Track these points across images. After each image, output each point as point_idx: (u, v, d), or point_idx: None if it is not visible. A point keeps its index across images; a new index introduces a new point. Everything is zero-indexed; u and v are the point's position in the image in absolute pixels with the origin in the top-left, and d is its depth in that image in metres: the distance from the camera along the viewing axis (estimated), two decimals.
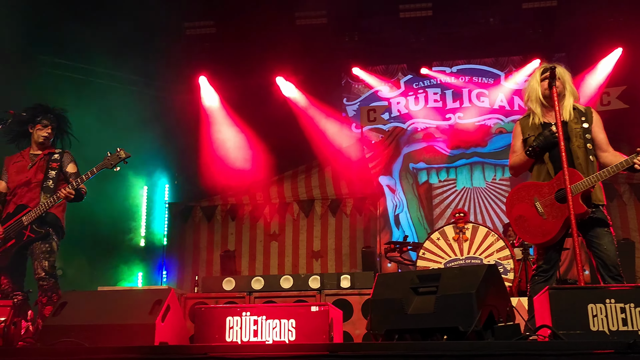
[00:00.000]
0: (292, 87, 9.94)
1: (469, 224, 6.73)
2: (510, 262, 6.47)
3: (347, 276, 6.58)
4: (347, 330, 5.95)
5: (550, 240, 4.06)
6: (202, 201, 9.91)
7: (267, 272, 9.28)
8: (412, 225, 10.03)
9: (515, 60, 10.18)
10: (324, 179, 9.74)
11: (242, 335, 3.45)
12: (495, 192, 9.91)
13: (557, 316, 2.96)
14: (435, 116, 10.33)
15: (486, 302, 3.21)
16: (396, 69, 10.55)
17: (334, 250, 9.41)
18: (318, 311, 3.41)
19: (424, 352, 2.84)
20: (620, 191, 9.21)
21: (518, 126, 4.38)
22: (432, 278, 3.41)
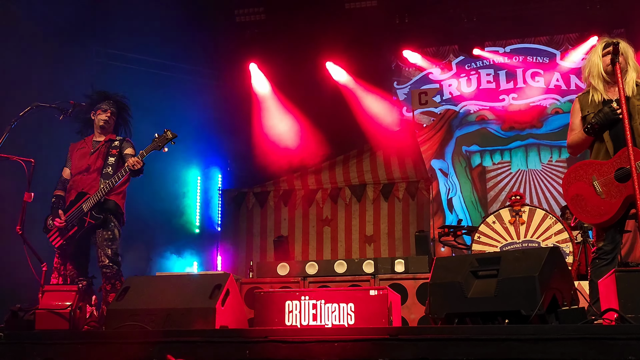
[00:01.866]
0: (342, 71, 9.90)
1: (526, 207, 6.59)
2: (569, 245, 6.31)
3: (402, 260, 6.54)
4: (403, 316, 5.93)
5: (608, 221, 3.94)
6: (255, 187, 9.99)
7: (320, 258, 9.31)
8: (465, 209, 9.90)
9: (571, 38, 9.88)
10: (375, 164, 9.67)
11: (301, 319, 3.47)
12: (551, 174, 9.69)
13: (625, 299, 2.89)
14: (488, 97, 10.14)
15: (549, 285, 3.15)
16: (447, 50, 10.38)
17: (387, 234, 9.35)
18: (377, 295, 3.40)
19: (487, 336, 2.81)
20: None
21: (577, 103, 4.25)
22: (493, 261, 3.36)
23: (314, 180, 9.74)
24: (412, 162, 9.55)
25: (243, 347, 2.98)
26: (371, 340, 2.90)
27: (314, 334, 2.99)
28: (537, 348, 2.73)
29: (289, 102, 9.68)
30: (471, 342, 2.82)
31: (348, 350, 2.91)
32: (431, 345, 2.86)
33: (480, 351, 2.80)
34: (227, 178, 10.15)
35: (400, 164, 9.65)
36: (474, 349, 2.81)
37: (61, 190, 5.16)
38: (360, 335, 2.91)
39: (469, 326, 3.15)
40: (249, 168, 9.71)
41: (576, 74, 9.68)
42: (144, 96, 7.53)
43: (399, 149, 9.62)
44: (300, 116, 9.60)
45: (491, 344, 2.79)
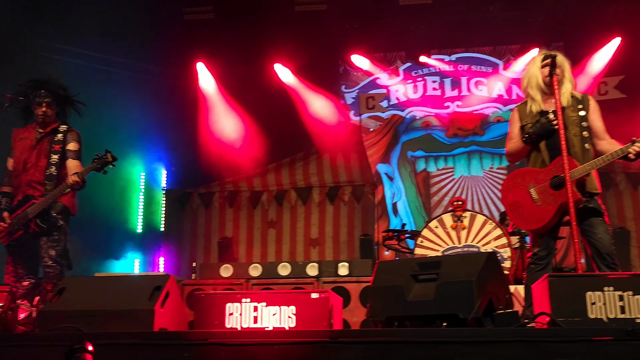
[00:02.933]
0: (290, 74, 9.89)
1: (467, 212, 6.74)
2: (507, 250, 6.49)
3: (345, 264, 6.60)
4: (345, 318, 5.97)
5: (543, 227, 4.08)
6: (200, 188, 9.90)
7: (265, 260, 9.29)
8: (409, 214, 10.04)
9: (513, 49, 10.15)
10: (321, 167, 9.73)
11: (242, 321, 3.46)
12: (492, 181, 9.92)
13: (556, 303, 2.98)
14: (433, 104, 10.31)
15: (486, 289, 3.23)
16: (395, 56, 10.51)
17: (332, 238, 9.41)
18: (318, 298, 3.42)
19: (425, 339, 2.86)
20: (617, 180, 9.22)
21: (516, 112, 4.38)
22: (433, 265, 3.43)
23: (260, 182, 9.72)
24: (358, 165, 9.65)
25: (182, 350, 2.94)
26: (311, 343, 2.91)
27: (254, 336, 2.98)
28: (474, 350, 2.80)
29: (236, 102, 9.61)
30: (410, 344, 2.87)
31: (288, 353, 2.91)
32: (371, 348, 2.89)
33: (419, 353, 2.85)
34: (171, 178, 10.00)
35: (346, 167, 9.74)
36: (413, 351, 2.85)
37: (7, 187, 5.01)
38: (300, 338, 2.92)
39: (408, 329, 3.20)
40: (194, 168, 9.60)
41: (518, 84, 9.92)
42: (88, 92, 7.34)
43: (345, 153, 9.70)
44: (248, 117, 9.54)
45: (429, 346, 2.85)
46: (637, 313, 2.91)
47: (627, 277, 3.03)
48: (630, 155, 3.93)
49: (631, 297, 2.93)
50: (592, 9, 8.82)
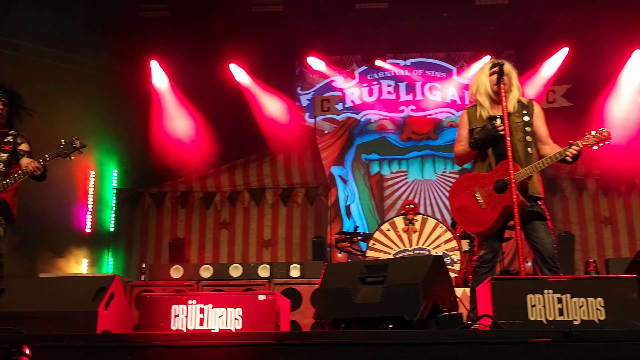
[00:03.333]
0: (245, 74, 9.84)
1: (419, 216, 6.83)
2: (457, 253, 6.61)
3: (297, 265, 6.62)
4: (295, 320, 5.98)
5: (488, 229, 4.17)
6: (152, 187, 9.76)
7: (217, 261, 9.22)
8: (363, 216, 10.10)
9: (467, 55, 10.33)
10: (275, 168, 9.71)
11: (187, 323, 3.43)
12: (445, 185, 10.07)
13: (498, 306, 3.05)
14: (388, 108, 10.41)
15: (432, 292, 3.28)
16: (351, 59, 10.57)
17: (285, 239, 9.41)
18: (265, 300, 3.42)
19: (370, 341, 2.88)
20: (563, 186, 9.48)
21: (465, 115, 4.48)
22: (380, 268, 3.47)
23: (213, 183, 9.65)
24: (312, 168, 9.67)
25: (125, 353, 2.90)
26: (257, 345, 2.90)
27: (200, 338, 2.96)
28: (418, 352, 2.83)
29: (190, 102, 9.51)
30: (355, 346, 2.89)
31: (233, 355, 2.90)
32: (317, 350, 2.90)
33: (364, 355, 2.87)
34: (122, 177, 9.83)
35: (300, 169, 9.75)
36: (359, 353, 2.88)
37: None
38: (246, 340, 2.91)
39: (353, 331, 3.22)
40: (146, 168, 9.46)
41: None
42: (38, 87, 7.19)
43: (299, 155, 9.71)
44: (201, 117, 9.45)
45: (374, 348, 2.87)
46: (574, 315, 3.00)
47: (565, 281, 3.13)
48: (568, 158, 4.05)
49: (569, 299, 3.02)
50: (542, 19, 9.04)
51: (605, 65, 9.09)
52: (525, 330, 2.89)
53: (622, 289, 3.03)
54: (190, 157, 9.24)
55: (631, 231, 9.19)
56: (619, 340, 2.70)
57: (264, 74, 9.73)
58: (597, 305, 3.00)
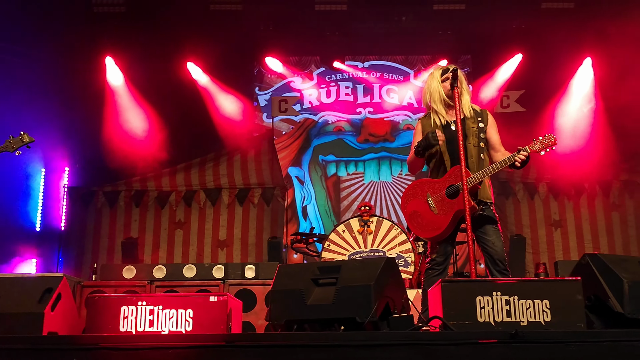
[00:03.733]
0: (203, 73, 9.75)
1: (374, 217, 6.87)
2: (411, 255, 6.66)
3: (252, 266, 6.59)
4: (250, 321, 5.96)
5: (441, 234, 4.23)
6: (105, 186, 9.59)
7: (171, 261, 9.12)
8: (319, 217, 10.12)
9: (424, 59, 10.45)
10: (232, 168, 9.65)
11: (137, 325, 3.37)
12: (401, 187, 10.16)
13: (448, 308, 3.09)
14: (346, 109, 10.46)
15: (384, 293, 3.30)
16: (309, 60, 10.58)
17: (240, 240, 9.35)
18: (216, 301, 3.39)
19: (321, 342, 2.88)
20: (515, 189, 9.68)
21: (419, 124, 4.53)
22: (333, 270, 3.47)
23: (168, 182, 9.53)
24: (269, 168, 9.64)
25: (71, 355, 2.83)
26: (207, 347, 2.88)
27: (149, 340, 2.91)
28: (368, 353, 2.85)
29: (146, 100, 9.36)
30: (306, 348, 2.88)
31: (183, 357, 2.87)
32: (268, 352, 2.89)
33: (315, 357, 2.87)
34: (74, 175, 9.62)
35: (257, 169, 9.71)
36: (309, 355, 2.87)
37: None
38: (196, 341, 2.88)
39: (304, 332, 3.22)
40: (100, 166, 9.27)
41: None
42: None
43: (256, 155, 9.67)
44: (157, 116, 9.32)
45: (325, 350, 2.88)
46: (521, 317, 3.06)
47: (513, 283, 3.19)
48: (517, 164, 4.14)
49: (517, 301, 3.08)
50: (498, 26, 9.23)
51: (557, 72, 9.33)
52: (474, 332, 2.93)
53: (567, 291, 3.10)
54: (145, 156, 9.10)
55: (580, 234, 9.44)
56: (563, 341, 2.76)
57: (222, 73, 9.66)
58: (543, 306, 3.06)
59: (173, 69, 9.35)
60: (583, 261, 3.46)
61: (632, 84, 8.28)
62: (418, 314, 3.78)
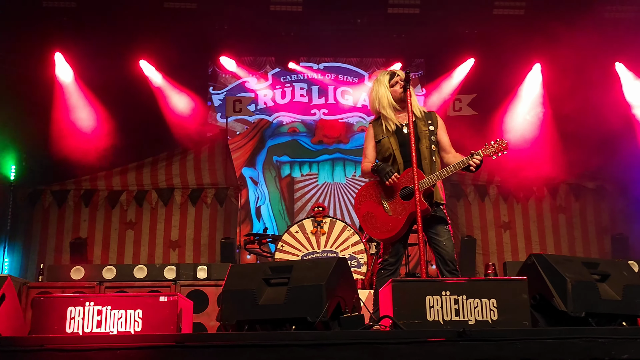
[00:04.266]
0: (156, 71, 9.61)
1: (327, 218, 6.90)
2: (364, 255, 6.71)
3: (204, 267, 6.53)
4: (201, 322, 5.90)
5: (395, 236, 4.28)
6: (54, 185, 9.36)
7: (121, 262, 8.96)
8: (273, 218, 10.10)
9: (379, 62, 10.55)
10: (185, 168, 9.55)
11: (84, 326, 3.30)
12: (354, 188, 10.23)
13: (398, 307, 3.13)
14: (300, 110, 10.47)
15: (335, 293, 3.32)
16: (264, 61, 10.56)
17: (193, 240, 9.26)
18: (166, 301, 3.35)
19: (272, 342, 2.88)
20: (467, 192, 9.86)
21: (371, 129, 4.55)
22: (284, 270, 3.47)
23: (119, 181, 9.36)
24: (223, 168, 9.57)
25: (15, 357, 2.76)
26: (157, 347, 2.84)
27: (96, 341, 2.86)
28: (319, 353, 2.86)
29: (97, 98, 9.16)
30: (257, 348, 2.87)
31: (132, 358, 2.82)
32: (218, 352, 2.86)
33: (265, 357, 2.86)
34: (21, 173, 9.33)
35: (210, 169, 9.63)
36: (260, 354, 2.87)
37: None
38: (145, 342, 2.84)
39: (255, 332, 3.21)
40: (48, 164, 9.04)
41: None
42: None
43: (210, 155, 9.59)
44: (108, 114, 9.13)
45: (276, 349, 2.87)
46: (469, 316, 3.12)
47: (462, 282, 3.24)
48: (472, 167, 4.21)
49: (465, 300, 3.13)
50: (451, 30, 9.38)
51: (507, 77, 9.53)
52: (423, 331, 2.98)
53: (513, 290, 3.17)
54: (95, 155, 8.91)
55: (528, 236, 9.68)
56: (509, 339, 2.83)
57: (175, 72, 9.54)
58: (490, 305, 3.13)
59: (125, 67, 9.18)
60: (529, 261, 3.54)
61: (580, 90, 8.54)
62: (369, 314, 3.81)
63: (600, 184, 9.87)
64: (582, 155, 8.92)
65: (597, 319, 3.23)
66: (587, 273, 3.39)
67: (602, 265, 3.52)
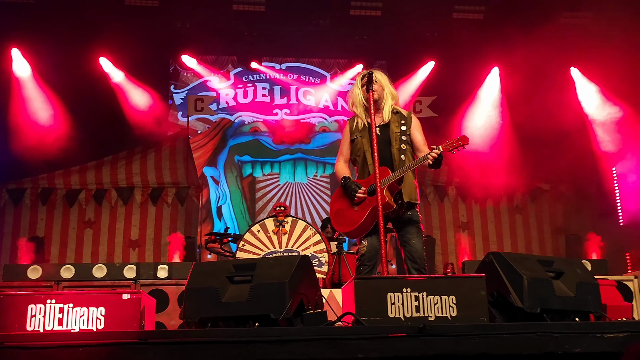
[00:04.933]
0: (116, 69, 9.49)
1: (289, 218, 6.92)
2: (325, 255, 6.75)
3: (165, 266, 6.49)
4: (162, 321, 5.86)
5: (357, 229, 4.35)
6: (9, 183, 9.15)
7: (80, 261, 8.82)
8: (234, 218, 10.08)
9: (341, 63, 10.64)
10: (145, 167, 9.45)
11: (45, 324, 3.26)
12: (315, 188, 10.29)
13: (360, 304, 3.18)
14: (262, 110, 10.48)
15: (298, 290, 3.35)
16: (226, 60, 10.53)
17: (153, 240, 9.18)
18: (129, 299, 3.33)
19: (235, 339, 2.90)
20: (426, 192, 10.01)
21: (347, 126, 4.67)
22: (248, 267, 3.49)
23: (78, 180, 9.21)
24: (184, 167, 9.51)
25: None
26: (119, 344, 2.83)
27: (58, 339, 2.84)
28: (282, 349, 2.89)
29: (55, 95, 8.99)
30: (219, 344, 2.89)
31: (95, 356, 2.81)
32: (180, 349, 2.87)
33: (228, 353, 2.88)
34: None
35: (171, 168, 9.55)
36: (223, 351, 2.88)
37: None
38: (107, 339, 2.83)
39: (217, 329, 3.22)
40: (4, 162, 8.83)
41: (343, 97, 10.43)
42: None
43: (171, 154, 9.52)
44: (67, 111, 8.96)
45: (239, 346, 2.90)
46: (429, 312, 3.19)
47: (422, 280, 3.32)
48: (429, 161, 4.30)
49: (425, 297, 3.21)
50: (412, 33, 9.51)
51: (467, 80, 9.71)
52: (384, 327, 3.04)
53: (472, 287, 3.26)
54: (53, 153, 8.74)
55: (485, 235, 9.88)
56: (468, 334, 2.91)
57: (137, 70, 9.44)
58: (450, 302, 3.21)
59: (85, 63, 9.04)
60: (487, 259, 3.64)
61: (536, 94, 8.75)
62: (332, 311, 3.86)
63: (555, 186, 10.13)
64: (538, 157, 9.14)
65: (552, 314, 3.34)
66: (542, 271, 3.50)
67: (557, 263, 3.64)
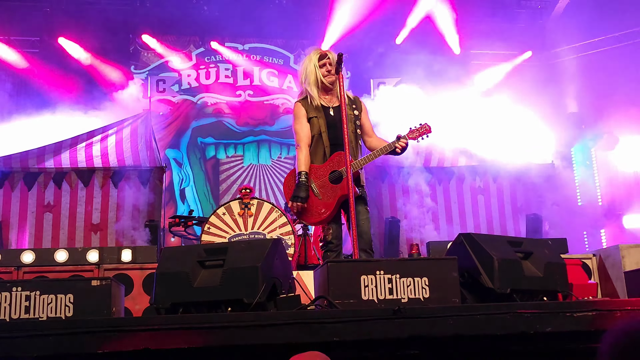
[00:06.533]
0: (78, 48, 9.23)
1: (254, 200, 6.88)
2: (291, 237, 6.74)
3: (129, 250, 6.39)
4: (127, 307, 5.77)
5: (326, 219, 4.32)
6: None
7: (39, 246, 8.60)
8: (197, 200, 9.98)
9: (304, 44, 10.55)
10: (106, 149, 9.23)
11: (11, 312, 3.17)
12: (280, 170, 10.25)
13: (334, 287, 3.18)
14: (225, 92, 10.35)
15: (271, 274, 3.33)
16: (188, 40, 10.35)
17: (115, 223, 9.00)
18: (98, 285, 3.26)
19: (210, 324, 2.88)
20: (391, 173, 10.04)
21: (300, 107, 4.48)
22: (220, 251, 3.46)
23: (36, 162, 8.96)
24: (146, 149, 9.34)
25: None
26: (90, 333, 2.78)
27: (26, 328, 2.76)
28: (256, 334, 2.88)
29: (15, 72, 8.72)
30: (192, 330, 2.86)
31: (65, 344, 2.75)
32: (153, 336, 2.83)
33: (201, 339, 2.86)
34: None
35: (133, 151, 9.36)
36: (195, 337, 2.86)
37: None
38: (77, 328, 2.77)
39: (189, 315, 3.19)
40: None
41: None
42: None
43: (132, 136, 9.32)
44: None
45: (214, 331, 2.87)
46: (402, 294, 3.21)
47: (395, 262, 3.34)
48: (397, 150, 4.31)
49: (398, 279, 3.22)
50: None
51: None
52: (357, 310, 3.04)
53: (444, 268, 3.29)
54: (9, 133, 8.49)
55: (449, 216, 9.97)
56: (440, 315, 2.94)
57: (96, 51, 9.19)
58: (422, 284, 3.23)
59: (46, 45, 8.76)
60: (458, 240, 3.68)
61: None
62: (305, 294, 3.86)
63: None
64: None
65: (521, 294, 3.40)
66: (511, 251, 3.55)
67: (525, 244, 3.70)
